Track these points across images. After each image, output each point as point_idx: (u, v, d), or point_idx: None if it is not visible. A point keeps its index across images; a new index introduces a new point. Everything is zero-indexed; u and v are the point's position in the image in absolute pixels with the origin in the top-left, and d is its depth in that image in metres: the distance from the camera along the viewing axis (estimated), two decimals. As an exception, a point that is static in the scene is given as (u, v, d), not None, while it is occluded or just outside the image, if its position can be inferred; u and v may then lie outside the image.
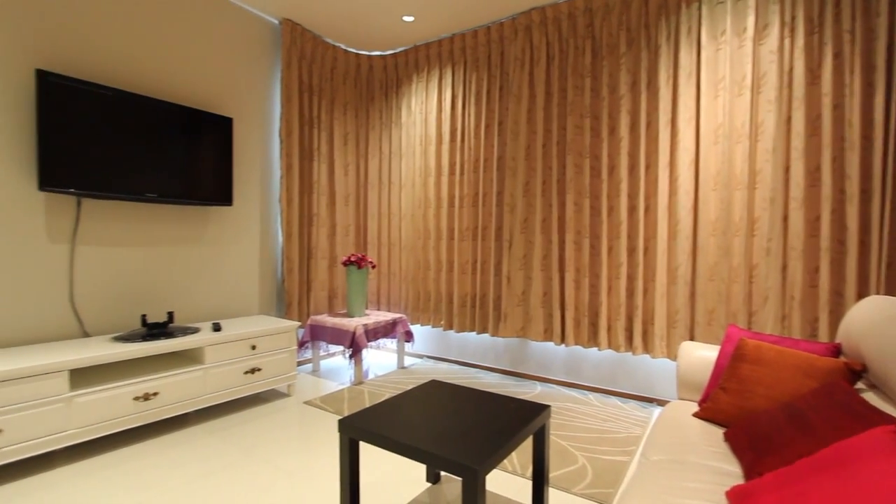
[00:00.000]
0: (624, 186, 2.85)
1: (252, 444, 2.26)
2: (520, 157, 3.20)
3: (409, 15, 3.29)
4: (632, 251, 2.87)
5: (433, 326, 3.68)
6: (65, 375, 2.00)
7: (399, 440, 1.34)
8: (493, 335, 3.36)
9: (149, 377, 2.27)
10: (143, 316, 2.48)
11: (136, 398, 2.22)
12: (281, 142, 3.32)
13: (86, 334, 2.45)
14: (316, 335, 3.37)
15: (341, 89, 3.79)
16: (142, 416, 2.24)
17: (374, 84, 3.99)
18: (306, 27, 3.45)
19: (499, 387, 3.17)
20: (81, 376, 2.22)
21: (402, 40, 3.70)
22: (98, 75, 2.46)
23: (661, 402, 2.85)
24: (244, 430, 2.42)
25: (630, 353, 2.94)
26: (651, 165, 2.80)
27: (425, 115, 3.70)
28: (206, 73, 2.94)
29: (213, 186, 2.88)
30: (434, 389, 1.86)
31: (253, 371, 2.71)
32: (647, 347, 2.81)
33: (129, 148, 2.49)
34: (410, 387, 3.14)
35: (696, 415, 1.68)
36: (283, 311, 3.45)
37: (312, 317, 3.41)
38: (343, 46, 3.80)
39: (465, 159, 3.50)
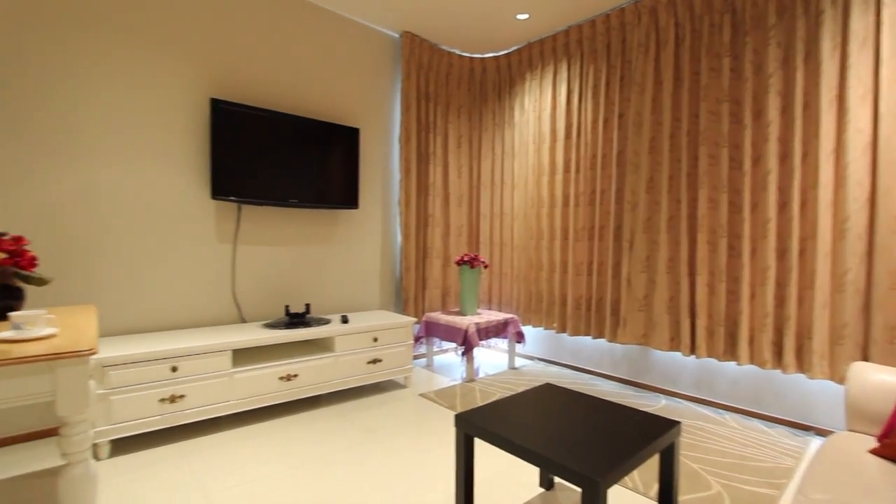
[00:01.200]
0: (772, 178, 2.47)
1: (373, 428, 2.44)
2: (643, 150, 2.97)
3: (523, 13, 3.25)
4: (782, 253, 2.48)
5: (545, 328, 3.59)
6: (228, 354, 2.37)
7: (515, 441, 1.33)
8: (610, 340, 3.17)
9: (290, 360, 2.59)
10: (287, 306, 2.84)
11: (281, 378, 2.54)
12: (400, 147, 3.53)
13: (243, 320, 2.87)
14: (430, 331, 3.51)
15: (455, 94, 3.90)
16: (284, 394, 2.56)
17: (487, 86, 4.03)
18: (424, 37, 3.62)
19: (617, 396, 2.98)
20: (240, 356, 2.60)
21: (515, 39, 3.68)
22: (251, 99, 2.86)
23: (822, 432, 2.42)
24: (367, 414, 2.63)
25: (779, 371, 2.55)
26: (809, 153, 2.39)
27: (538, 113, 3.63)
28: (336, 89, 3.25)
29: (342, 191, 3.17)
30: (549, 393, 1.82)
31: (374, 361, 2.92)
32: (803, 366, 2.41)
33: (276, 160, 2.86)
34: (522, 388, 3.11)
35: (874, 451, 1.39)
36: (401, 307, 3.66)
37: (427, 314, 3.57)
38: (458, 51, 3.90)
39: (581, 156, 3.36)
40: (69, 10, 2.26)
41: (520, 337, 3.58)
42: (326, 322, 2.87)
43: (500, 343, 4.19)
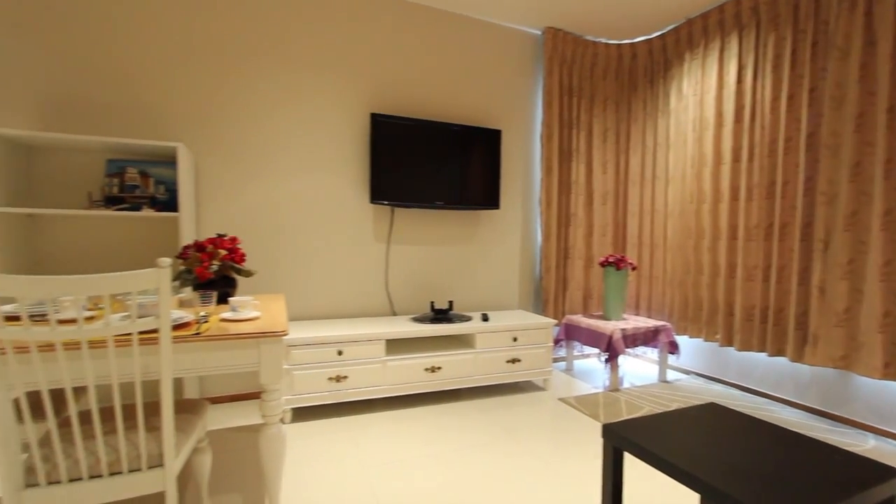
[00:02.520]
0: None
1: (512, 427, 2.45)
2: (845, 130, 2.42)
3: (682, -13, 2.92)
4: None
5: (705, 340, 3.17)
6: (383, 343, 2.62)
7: (678, 465, 1.20)
8: (793, 360, 2.66)
9: (435, 353, 2.74)
10: (432, 302, 3.02)
11: (426, 369, 2.71)
12: (541, 145, 3.47)
13: (394, 313, 3.14)
14: (570, 334, 3.39)
15: (601, 85, 3.68)
16: (429, 385, 2.73)
17: (637, 73, 3.72)
18: (568, 30, 3.49)
19: (804, 427, 2.49)
20: (392, 345, 2.85)
21: (671, 17, 3.32)
22: (402, 110, 3.10)
23: None
24: (505, 413, 2.65)
25: None
26: None
27: (700, 97, 3.21)
28: (478, 93, 3.34)
29: (484, 192, 3.25)
30: (715, 413, 1.60)
31: (513, 361, 2.93)
32: None
33: (424, 165, 3.05)
34: (675, 405, 2.80)
35: None
36: (540, 308, 3.60)
37: (568, 316, 3.44)
38: (604, 40, 3.68)
39: (756, 142, 2.88)
40: (271, 54, 2.74)
41: (673, 347, 3.23)
42: (468, 319, 2.97)
43: (649, 353, 3.83)
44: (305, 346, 2.44)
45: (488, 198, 3.26)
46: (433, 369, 2.73)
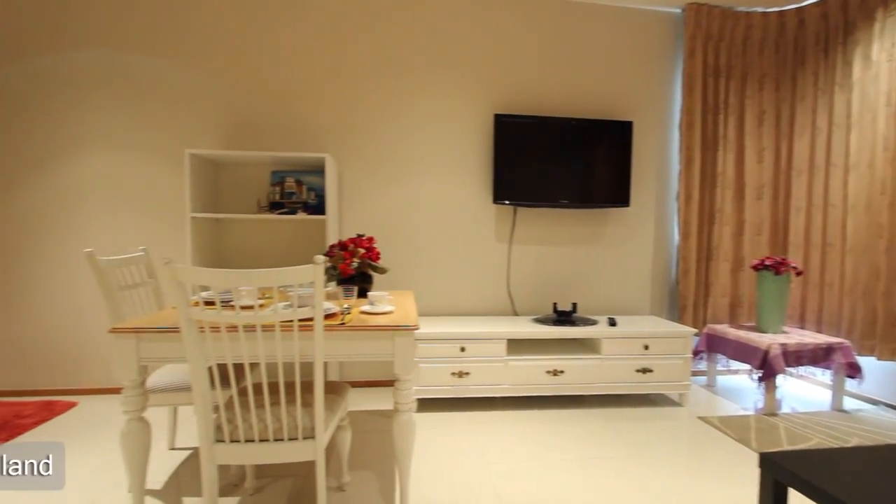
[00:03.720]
0: None
1: (641, 442, 2.27)
2: None
3: (872, -69, 2.39)
4: None
5: (903, 365, 2.56)
6: (504, 343, 2.63)
7: (861, 512, 0.99)
8: None
9: (557, 356, 2.67)
10: (555, 304, 2.94)
11: (548, 372, 2.65)
12: (680, 135, 3.15)
13: (515, 313, 3.13)
14: (713, 346, 3.01)
15: (756, 62, 3.20)
16: (550, 388, 2.66)
17: (806, 42, 3.14)
18: (713, 3, 3.11)
19: None
20: (513, 345, 2.84)
21: (856, -29, 2.74)
22: (525, 109, 3.07)
23: None
24: (633, 426, 2.46)
25: None
26: None
27: (897, 63, 2.60)
28: (605, 84, 3.15)
29: (612, 189, 3.06)
30: (919, 459, 1.28)
31: (644, 371, 2.71)
32: None
33: (547, 163, 2.99)
34: (855, 439, 2.31)
35: None
36: (676, 314, 3.27)
37: (710, 325, 3.07)
38: (760, 9, 3.19)
39: None
40: (402, 68, 2.95)
41: (853, 370, 2.67)
42: (593, 323, 2.83)
43: (819, 374, 3.22)
44: (430, 340, 2.57)
45: (617, 195, 3.06)
46: (555, 372, 2.66)
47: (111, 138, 2.79)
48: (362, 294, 2.00)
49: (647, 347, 2.71)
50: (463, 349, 2.59)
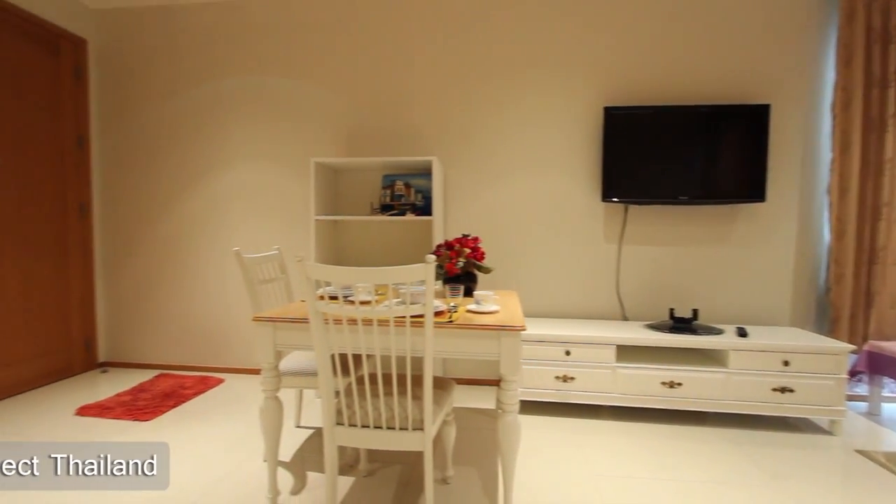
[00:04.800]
0: None
1: (781, 473, 1.98)
2: None
3: None
4: None
5: None
6: (613, 349, 2.48)
7: None
8: None
9: (674, 367, 2.45)
10: (671, 310, 2.70)
11: (663, 383, 2.45)
12: (833, 117, 2.68)
13: (625, 318, 2.94)
14: (878, 367, 2.52)
15: (942, 21, 2.60)
16: (665, 401, 2.45)
17: None
18: (880, -43, 2.60)
19: None
20: (622, 352, 2.67)
21: None
22: (637, 99, 2.86)
23: None
24: (770, 453, 2.16)
25: None
26: None
27: None
28: (733, 65, 2.80)
29: (742, 182, 2.72)
30: None
31: (783, 390, 2.36)
32: None
33: (663, 157, 2.75)
34: None
35: None
36: (826, 327, 2.80)
37: (873, 342, 2.57)
38: (949, -44, 2.59)
39: None
40: (507, 67, 2.95)
41: None
42: (717, 332, 2.55)
43: None
44: (534, 342, 2.52)
45: (749, 189, 2.71)
46: (671, 384, 2.44)
47: (251, 151, 3.21)
48: (468, 293, 2.04)
49: (786, 363, 2.36)
50: (568, 353, 2.50)
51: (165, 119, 3.30)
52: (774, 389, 2.37)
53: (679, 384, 2.44)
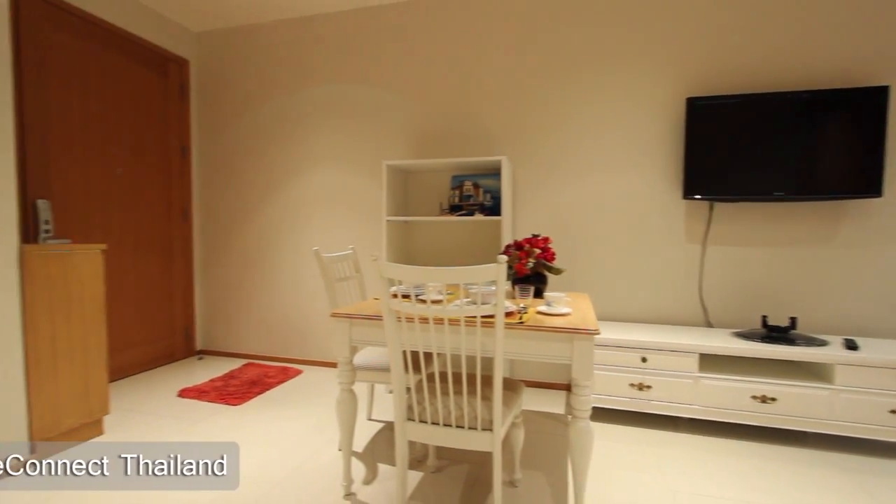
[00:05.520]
0: None
1: (904, 508, 1.73)
2: None
3: None
4: None
5: None
6: (695, 357, 2.32)
7: None
8: None
9: (767, 380, 2.23)
10: (764, 317, 2.47)
11: (754, 397, 2.24)
12: (971, 99, 2.30)
13: (709, 324, 2.73)
14: None
15: None
16: (756, 416, 2.24)
17: None
18: None
19: None
20: (706, 361, 2.48)
21: None
22: (725, 88, 2.64)
23: None
24: (885, 484, 1.90)
25: None
26: None
27: None
28: (843, 42, 2.49)
29: (852, 175, 2.41)
30: None
31: (904, 413, 2.07)
32: None
33: (754, 149, 2.52)
34: None
35: None
36: (960, 342, 2.40)
37: None
38: None
39: None
40: (578, 62, 2.86)
41: None
42: (821, 343, 2.28)
43: None
44: (607, 346, 2.42)
45: (861, 182, 2.40)
46: (764, 399, 2.23)
47: (329, 156, 3.39)
48: (537, 294, 2.00)
49: (908, 383, 2.06)
50: (644, 360, 2.37)
51: (253, 128, 3.58)
52: (893, 412, 2.08)
53: (773, 399, 2.22)
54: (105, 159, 3.02)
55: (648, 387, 2.38)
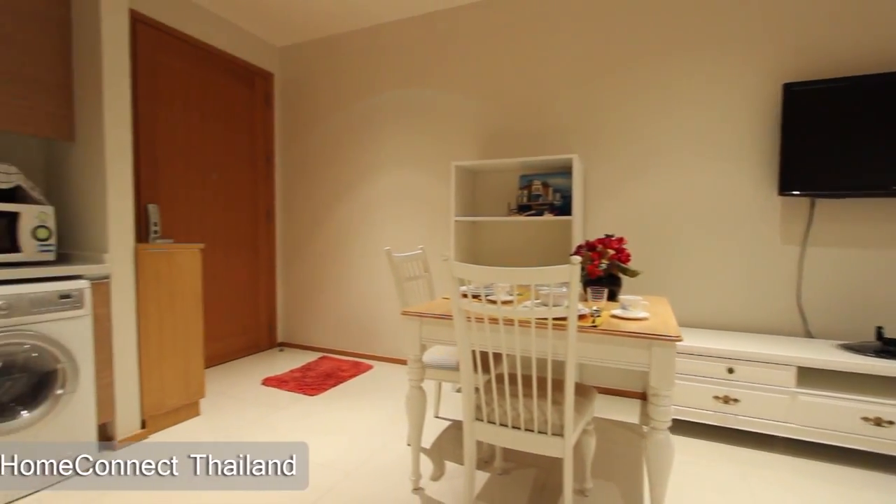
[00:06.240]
0: None
1: None
2: None
3: None
4: None
5: None
6: (792, 371, 2.09)
7: None
8: None
9: (883, 400, 1.96)
10: (879, 328, 2.17)
11: (865, 419, 1.98)
12: None
13: (808, 335, 2.45)
14: None
15: None
16: (868, 441, 1.98)
17: None
18: None
19: None
20: (805, 375, 2.23)
21: None
22: (827, 71, 2.35)
23: None
24: None
25: None
26: None
27: None
28: None
29: None
30: None
31: None
32: None
33: (866, 138, 2.23)
34: None
35: None
36: None
37: None
38: None
39: None
40: (655, 50, 2.71)
41: None
42: (953, 362, 1.97)
43: None
44: (689, 355, 2.26)
45: None
46: (878, 422, 1.96)
47: (398, 158, 3.49)
48: (611, 297, 1.92)
49: None
50: (731, 371, 2.19)
51: (330, 134, 3.78)
52: None
53: (890, 423, 1.95)
54: (202, 166, 3.34)
55: (735, 400, 2.19)
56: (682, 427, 2.34)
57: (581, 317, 1.53)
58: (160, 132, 3.02)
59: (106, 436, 2.13)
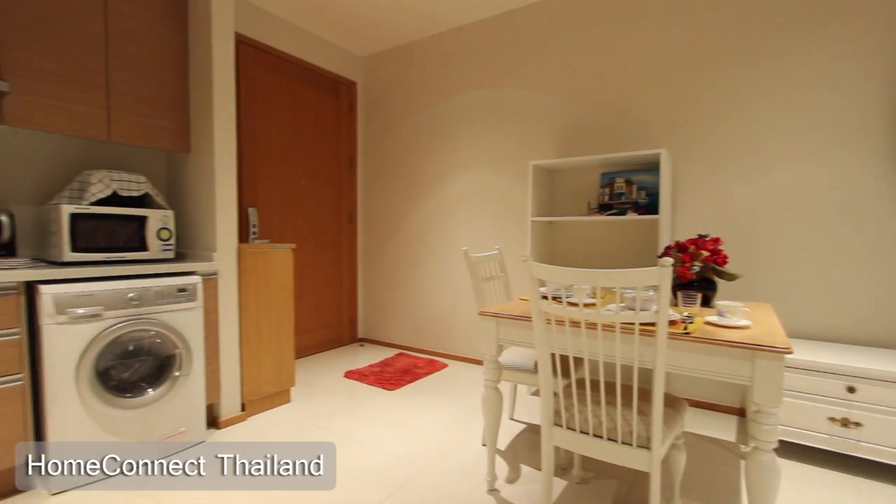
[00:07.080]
0: None
1: None
2: None
3: None
4: None
5: None
6: (933, 394, 1.79)
7: None
8: None
9: None
10: None
11: None
12: None
13: (955, 353, 2.08)
14: None
15: None
16: None
17: None
18: None
19: None
20: (950, 400, 1.91)
21: None
22: None
23: None
24: None
25: None
26: None
27: None
28: None
29: None
30: None
31: None
32: None
33: None
34: None
35: None
36: None
37: None
38: None
39: None
40: (752, 31, 2.46)
41: None
42: None
43: None
44: (798, 369, 2.02)
45: None
46: None
47: (476, 158, 3.51)
48: (704, 302, 1.77)
49: None
50: (852, 390, 1.92)
51: (408, 137, 3.90)
52: None
53: None
54: (293, 172, 3.61)
55: (857, 424, 1.92)
56: (788, 449, 2.09)
57: (671, 323, 1.43)
58: (258, 141, 3.31)
59: (211, 416, 2.38)
